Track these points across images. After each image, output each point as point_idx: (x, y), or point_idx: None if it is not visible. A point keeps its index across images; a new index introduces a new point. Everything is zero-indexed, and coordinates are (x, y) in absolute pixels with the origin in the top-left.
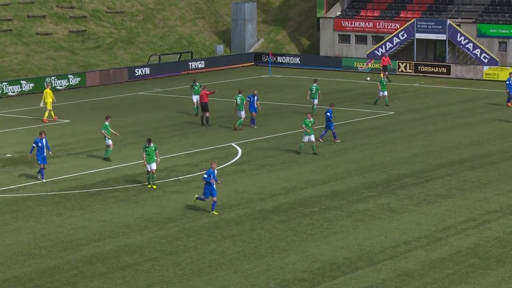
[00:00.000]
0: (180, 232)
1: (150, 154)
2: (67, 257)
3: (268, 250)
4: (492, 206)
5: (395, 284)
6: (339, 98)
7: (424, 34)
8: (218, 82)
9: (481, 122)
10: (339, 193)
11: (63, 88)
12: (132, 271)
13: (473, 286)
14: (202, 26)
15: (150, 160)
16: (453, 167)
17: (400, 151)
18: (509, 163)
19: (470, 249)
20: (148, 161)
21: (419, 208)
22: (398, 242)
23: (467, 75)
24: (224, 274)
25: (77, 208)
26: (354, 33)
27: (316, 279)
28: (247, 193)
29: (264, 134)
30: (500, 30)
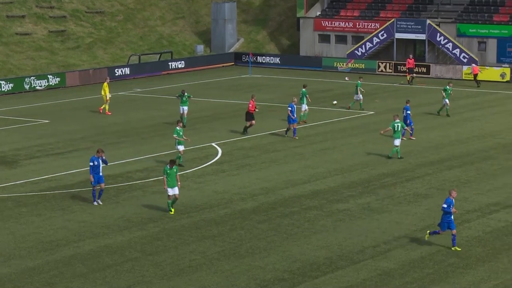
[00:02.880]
0: (161, 232)
1: (171, 176)
2: (46, 258)
3: (249, 250)
4: (471, 206)
5: (376, 283)
6: (320, 98)
7: (404, 34)
8: (198, 82)
9: (461, 121)
10: (320, 193)
11: (43, 88)
12: (112, 272)
13: (453, 285)
14: (182, 26)
15: (172, 184)
16: (433, 167)
17: (380, 151)
18: (489, 162)
19: (449, 249)
20: (170, 185)
21: (399, 207)
22: (378, 241)
23: (447, 75)
24: (204, 274)
25: (57, 208)
26: (334, 33)
27: (297, 279)
28: (227, 193)
29: (244, 134)
30: (479, 30)
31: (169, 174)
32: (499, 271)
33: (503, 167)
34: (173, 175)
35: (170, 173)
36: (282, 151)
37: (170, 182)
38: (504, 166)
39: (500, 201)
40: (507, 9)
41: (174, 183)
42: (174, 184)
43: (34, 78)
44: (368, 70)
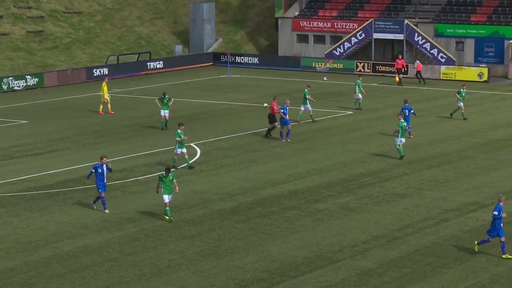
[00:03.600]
0: (139, 233)
1: (167, 184)
2: (25, 259)
3: (227, 250)
4: (449, 205)
5: (354, 283)
6: (298, 98)
7: (382, 34)
8: (177, 82)
9: (439, 121)
10: (298, 192)
11: (21, 88)
12: (91, 272)
13: (431, 284)
14: (161, 26)
15: (166, 191)
16: (411, 166)
17: (359, 151)
18: (466, 162)
19: (428, 248)
20: (166, 192)
21: (378, 207)
22: (357, 241)
23: (425, 75)
24: (183, 275)
25: (35, 209)
26: (312, 33)
27: (275, 278)
28: (206, 193)
29: (223, 134)
30: (457, 30)
31: (165, 181)
32: (476, 270)
33: (480, 167)
34: (169, 182)
35: (166, 180)
36: (261, 151)
37: (166, 189)
38: (481, 165)
39: (477, 200)
40: (484, 9)
41: (170, 190)
42: (170, 191)
43: (12, 78)
44: (346, 70)
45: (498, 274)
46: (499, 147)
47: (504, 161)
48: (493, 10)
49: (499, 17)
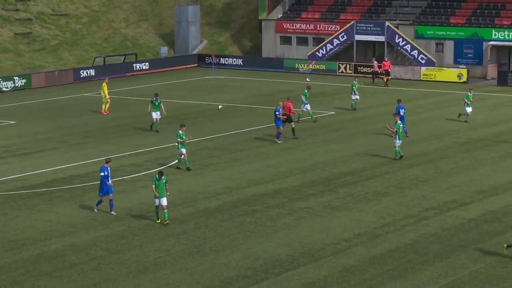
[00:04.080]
0: (126, 231)
1: (160, 187)
2: (13, 257)
3: (212, 248)
4: (429, 203)
5: (336, 280)
6: (281, 98)
7: (363, 35)
8: (162, 84)
9: (419, 121)
10: (281, 191)
11: (9, 89)
12: (78, 270)
13: (412, 281)
14: (146, 28)
15: (160, 194)
16: (392, 166)
17: (341, 150)
18: (446, 161)
19: (408, 245)
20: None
21: (359, 205)
22: (339, 239)
23: (405, 76)
24: (169, 272)
25: (23, 208)
26: (295, 35)
27: (260, 276)
28: (191, 192)
29: (208, 134)
30: (436, 32)
31: (158, 185)
32: (456, 267)
33: (460, 166)
34: (162, 185)
35: (159, 183)
36: (245, 150)
37: (158, 192)
38: (461, 164)
39: (457, 199)
40: (463, 11)
41: (163, 193)
42: (162, 194)
43: (0, 79)
44: (328, 71)
45: (477, 271)
46: (478, 147)
47: (482, 160)
48: (472, 12)
49: (478, 19)
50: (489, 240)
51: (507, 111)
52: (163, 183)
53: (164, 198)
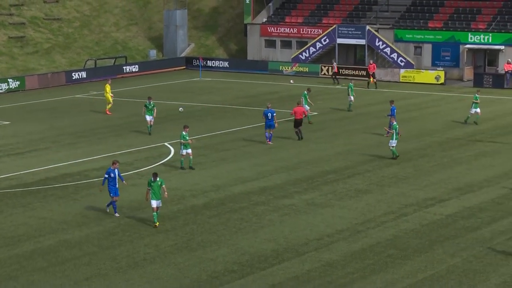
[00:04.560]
0: (116, 228)
1: (155, 189)
2: (8, 253)
3: (200, 244)
4: (409, 200)
5: (319, 274)
6: (266, 99)
7: (345, 39)
8: (152, 85)
9: (399, 122)
10: (267, 189)
11: (3, 91)
12: (71, 265)
13: (392, 275)
14: (136, 32)
15: (156, 196)
16: (373, 164)
17: (324, 150)
18: (425, 160)
19: (389, 240)
20: (154, 197)
21: (342, 202)
22: (322, 234)
23: (385, 78)
24: (158, 267)
25: (18, 205)
26: (280, 38)
27: (245, 270)
28: (179, 189)
29: (195, 134)
30: (415, 36)
31: (153, 186)
32: (434, 262)
33: (438, 164)
34: (157, 187)
35: (154, 185)
36: (231, 150)
37: (154, 194)
38: (439, 163)
39: (435, 195)
40: (441, 16)
41: (158, 195)
42: (158, 196)
43: None
44: (311, 73)
45: (454, 265)
46: (456, 146)
47: (459, 159)
48: (449, 17)
49: (454, 23)
50: (466, 235)
51: (482, 111)
52: (158, 185)
53: (159, 200)
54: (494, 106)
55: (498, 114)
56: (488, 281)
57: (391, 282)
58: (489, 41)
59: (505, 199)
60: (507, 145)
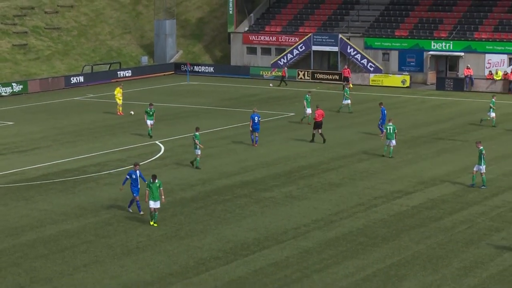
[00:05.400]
0: (112, 219)
1: (154, 190)
2: (12, 242)
3: (188, 233)
4: (378, 193)
5: (297, 260)
6: (248, 101)
7: (320, 46)
8: (143, 89)
9: (368, 122)
10: (249, 183)
11: (8, 94)
12: (70, 253)
13: (363, 261)
14: (129, 40)
15: (154, 197)
16: (345, 160)
17: (300, 147)
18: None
19: (359, 229)
20: (152, 198)
21: (317, 195)
22: (299, 224)
23: (356, 81)
24: (150, 254)
25: (21, 199)
26: (260, 46)
27: (229, 257)
28: (169, 184)
29: (184, 133)
30: (383, 43)
31: (152, 188)
32: (401, 248)
33: (404, 160)
34: (156, 189)
35: (153, 187)
36: (216, 147)
37: (152, 195)
38: (404, 159)
39: (402, 189)
40: (406, 25)
41: (157, 196)
42: (156, 197)
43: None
44: (289, 77)
45: (419, 252)
46: (419, 143)
47: (423, 155)
48: (414, 26)
49: (419, 32)
50: (430, 224)
51: (444, 112)
52: (157, 186)
53: (157, 201)
54: (455, 107)
55: (457, 115)
56: (450, 266)
57: (362, 267)
58: (450, 48)
59: (464, 191)
60: (465, 142)
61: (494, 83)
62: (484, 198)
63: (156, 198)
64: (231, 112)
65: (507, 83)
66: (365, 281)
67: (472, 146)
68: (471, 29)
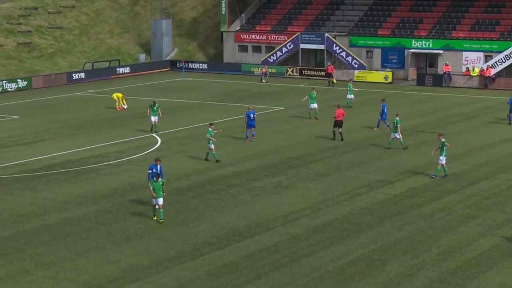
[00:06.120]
0: (111, 207)
1: (157, 188)
2: (18, 229)
3: (184, 220)
4: (362, 182)
5: (286, 245)
6: (240, 96)
7: (307, 44)
8: (141, 84)
9: (353, 115)
10: (240, 173)
11: (13, 90)
12: (72, 239)
13: (348, 246)
14: (127, 38)
15: (157, 195)
16: (331, 151)
17: (289, 139)
18: (375, 148)
19: (345, 216)
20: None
21: (304, 184)
22: (288, 212)
23: (342, 77)
24: (147, 240)
25: (25, 188)
26: (251, 44)
27: (223, 243)
28: (166, 174)
29: (179, 126)
30: (367, 42)
31: (155, 186)
32: (383, 234)
33: (386, 151)
34: (159, 187)
35: (156, 185)
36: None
37: (156, 193)
38: (387, 150)
39: (384, 178)
40: (389, 24)
41: (160, 193)
42: (159, 194)
43: (5, 81)
44: (278, 74)
45: (400, 237)
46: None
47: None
48: (396, 25)
49: (400, 31)
50: (411, 212)
51: (424, 106)
52: (160, 185)
53: (160, 198)
54: (434, 101)
55: (437, 109)
56: (429, 250)
57: (347, 252)
58: (430, 46)
59: (443, 181)
60: (444, 135)
61: (471, 79)
62: (461, 187)
63: (159, 195)
64: (223, 107)
65: (483, 79)
66: (350, 265)
67: (451, 139)
68: (449, 28)
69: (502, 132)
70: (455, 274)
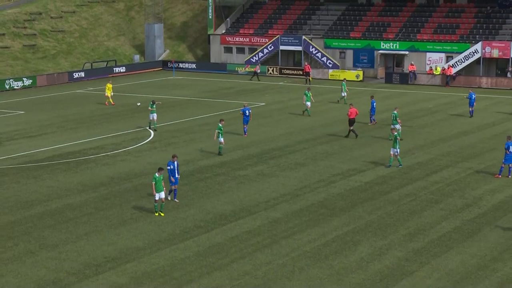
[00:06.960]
0: (109, 194)
1: (159, 183)
2: (24, 214)
3: (174, 206)
4: (336, 171)
5: (267, 228)
6: (225, 93)
7: (286, 46)
8: (136, 82)
9: (327, 111)
10: (226, 163)
11: (19, 88)
12: (73, 223)
13: (323, 228)
14: (123, 41)
15: (158, 189)
16: (308, 143)
17: (270, 132)
18: (348, 139)
19: (320, 202)
20: (157, 190)
21: (284, 173)
22: (269, 198)
23: (317, 76)
24: (142, 224)
25: (30, 177)
26: (235, 46)
27: (210, 226)
28: (158, 164)
29: (170, 120)
30: (340, 43)
31: (158, 180)
32: (355, 218)
33: (358, 143)
34: (160, 181)
35: (158, 179)
36: (198, 132)
37: (158, 187)
38: (359, 142)
39: (356, 167)
40: (360, 28)
41: (161, 188)
42: (161, 189)
43: (12, 80)
44: (260, 73)
45: (371, 221)
46: (372, 128)
47: (375, 139)
48: (366, 29)
49: (370, 34)
50: (380, 197)
51: (391, 101)
52: (161, 179)
53: (162, 192)
54: (401, 98)
55: (403, 104)
56: (397, 232)
57: (323, 234)
58: (397, 48)
59: (409, 169)
60: (410, 128)
61: (433, 77)
62: (425, 175)
63: (161, 189)
64: (210, 103)
65: (444, 78)
66: (325, 246)
67: (416, 131)
68: (414, 32)
69: (461, 126)
70: (420, 254)
